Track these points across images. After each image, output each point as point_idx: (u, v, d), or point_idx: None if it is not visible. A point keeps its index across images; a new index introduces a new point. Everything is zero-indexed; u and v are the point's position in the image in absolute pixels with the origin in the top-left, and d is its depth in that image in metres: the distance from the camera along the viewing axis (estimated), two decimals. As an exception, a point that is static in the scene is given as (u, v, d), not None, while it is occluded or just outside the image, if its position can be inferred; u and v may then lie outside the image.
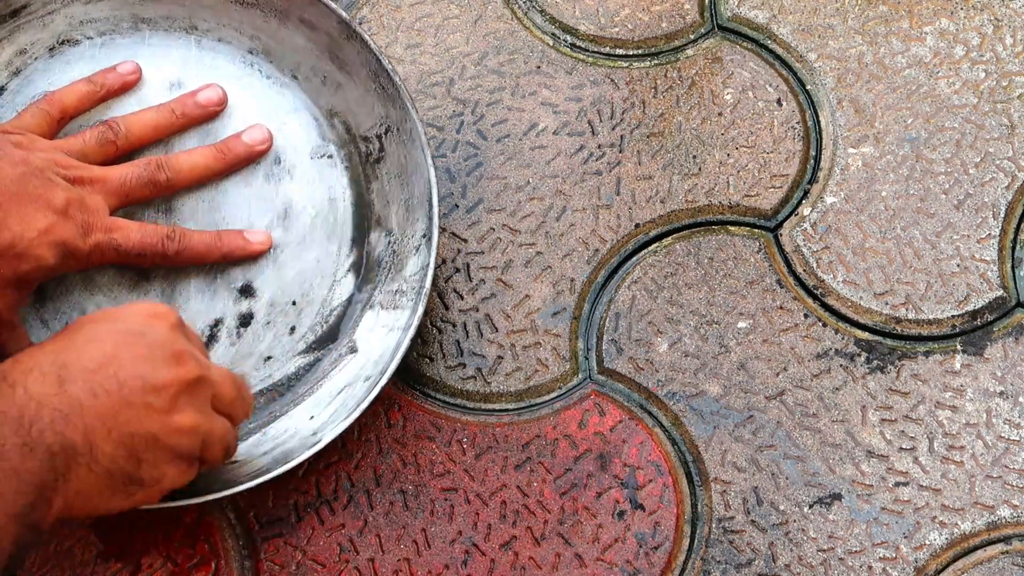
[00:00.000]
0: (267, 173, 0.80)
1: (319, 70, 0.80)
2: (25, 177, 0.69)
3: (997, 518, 0.76)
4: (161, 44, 0.81)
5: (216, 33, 0.81)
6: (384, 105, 0.79)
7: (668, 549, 0.75)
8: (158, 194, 0.77)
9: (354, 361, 0.77)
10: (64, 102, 0.77)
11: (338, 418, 0.73)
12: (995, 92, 0.86)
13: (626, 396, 0.79)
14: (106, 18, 0.80)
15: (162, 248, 0.75)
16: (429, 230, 0.76)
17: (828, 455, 0.77)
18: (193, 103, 0.79)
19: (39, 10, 0.79)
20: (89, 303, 0.77)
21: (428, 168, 0.76)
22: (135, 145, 0.78)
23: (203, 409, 0.64)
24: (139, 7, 0.81)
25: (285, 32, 0.80)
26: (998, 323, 0.81)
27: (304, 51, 0.80)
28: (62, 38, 0.80)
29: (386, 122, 0.79)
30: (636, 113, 0.86)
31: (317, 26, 0.79)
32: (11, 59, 0.79)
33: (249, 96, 0.81)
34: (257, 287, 0.78)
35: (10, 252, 0.68)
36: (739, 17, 0.89)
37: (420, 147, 0.77)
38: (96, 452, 0.59)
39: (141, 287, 0.77)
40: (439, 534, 0.76)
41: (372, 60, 0.78)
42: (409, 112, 0.77)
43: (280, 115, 0.80)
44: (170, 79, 0.80)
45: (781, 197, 0.84)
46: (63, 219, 0.70)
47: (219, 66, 0.81)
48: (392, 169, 0.79)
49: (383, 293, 0.78)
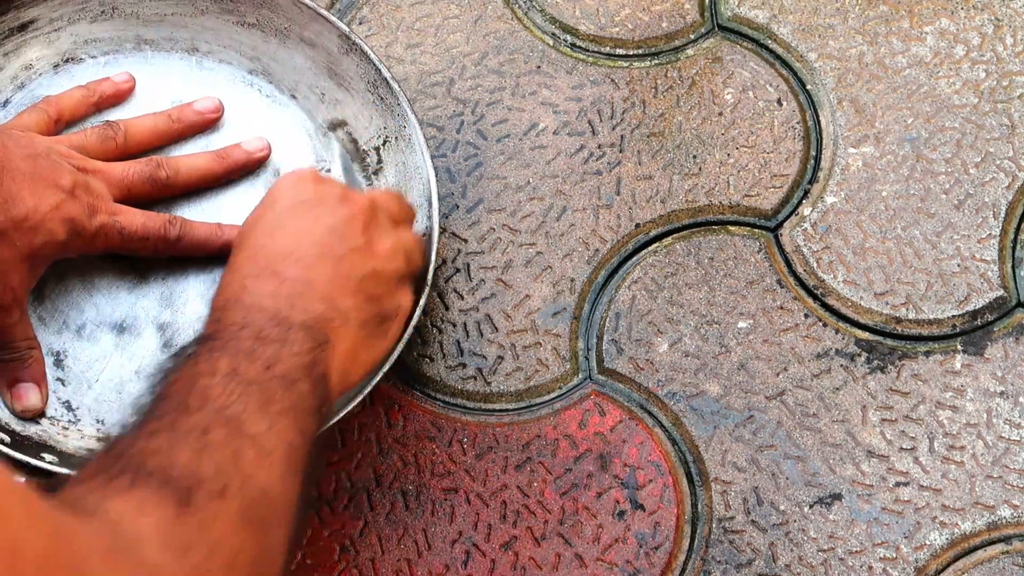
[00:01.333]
0: (266, 185, 0.80)
1: (317, 87, 0.81)
2: (34, 157, 0.71)
3: (997, 518, 0.76)
4: (163, 64, 0.82)
5: (217, 55, 0.82)
6: (383, 115, 0.80)
7: (668, 549, 0.75)
8: (157, 192, 0.77)
9: None
10: (60, 104, 0.78)
11: (340, 405, 0.73)
12: (995, 92, 0.86)
13: (626, 396, 0.79)
14: (110, 38, 0.82)
15: (164, 232, 0.75)
16: (429, 229, 0.76)
17: (828, 455, 0.77)
18: (190, 110, 0.80)
19: (45, 26, 0.80)
20: (87, 303, 0.77)
21: (427, 169, 0.77)
22: (133, 148, 0.78)
23: (388, 229, 0.71)
24: (142, 28, 0.82)
25: (285, 52, 0.81)
26: (998, 323, 0.81)
27: (303, 70, 0.82)
28: (67, 56, 0.81)
29: (384, 133, 0.80)
30: (636, 113, 0.86)
31: (317, 44, 0.80)
32: (17, 73, 0.80)
33: (249, 114, 0.82)
34: None
35: (25, 225, 0.69)
36: (739, 17, 0.89)
37: (419, 151, 0.77)
38: (343, 309, 0.65)
39: (140, 288, 0.77)
40: (439, 534, 0.76)
41: (371, 71, 0.79)
42: (408, 117, 0.78)
43: (279, 131, 0.81)
44: (170, 97, 0.81)
45: (781, 197, 0.84)
46: (71, 198, 0.71)
47: (219, 85, 0.82)
48: (390, 179, 0.80)
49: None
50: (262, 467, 0.55)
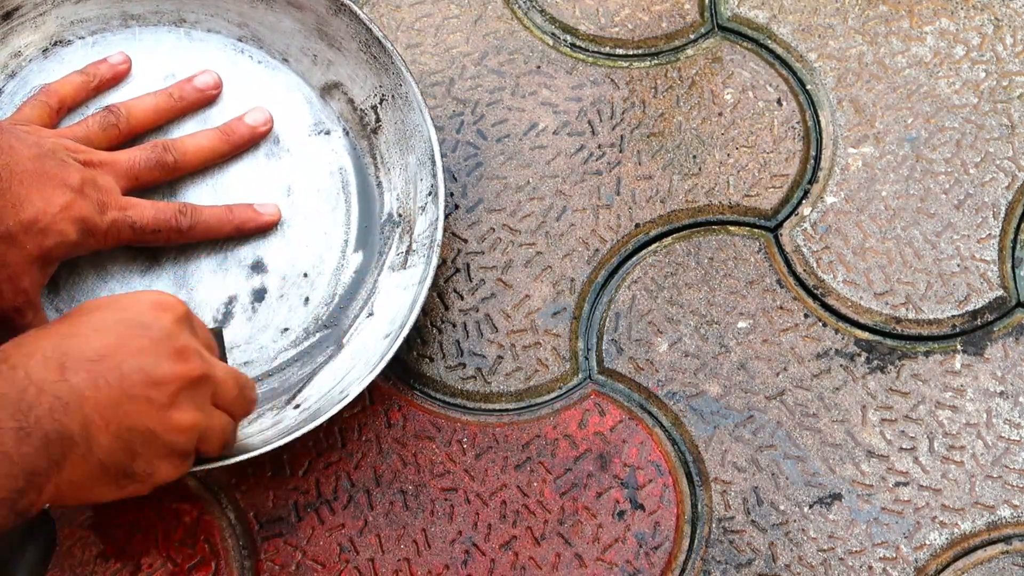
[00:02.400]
0: (268, 152, 0.81)
1: (308, 50, 0.82)
2: (41, 158, 0.70)
3: (997, 518, 0.76)
4: (151, 38, 0.82)
5: (205, 24, 0.83)
6: (377, 75, 0.80)
7: (668, 549, 0.75)
8: (165, 177, 0.78)
9: (371, 322, 0.77)
10: (61, 93, 0.78)
11: (362, 375, 0.74)
12: (995, 92, 0.86)
13: (626, 396, 0.79)
14: (96, 17, 0.82)
15: (176, 223, 0.76)
16: (435, 187, 0.77)
17: (828, 455, 0.77)
18: (191, 87, 0.81)
19: (30, 12, 0.81)
20: (102, 290, 0.77)
21: (428, 126, 0.78)
22: (137, 129, 0.79)
23: (203, 406, 0.64)
24: (127, 4, 0.82)
25: (273, 16, 0.82)
26: (998, 323, 0.81)
27: (292, 33, 0.82)
28: (55, 39, 0.82)
29: (380, 91, 0.81)
30: (636, 113, 0.86)
31: (304, 6, 0.81)
32: (6, 62, 0.81)
33: (243, 82, 0.82)
34: (268, 263, 0.79)
35: (35, 227, 0.69)
36: (739, 17, 0.89)
37: (418, 109, 0.78)
38: (92, 443, 0.59)
39: (153, 271, 0.78)
40: (439, 534, 0.76)
41: (362, 31, 0.79)
42: (404, 76, 0.79)
43: (275, 97, 0.82)
44: (163, 72, 0.82)
45: (781, 197, 0.84)
46: (80, 197, 0.71)
47: (210, 55, 0.82)
48: (390, 137, 0.81)
49: (394, 255, 0.79)
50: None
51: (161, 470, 0.64)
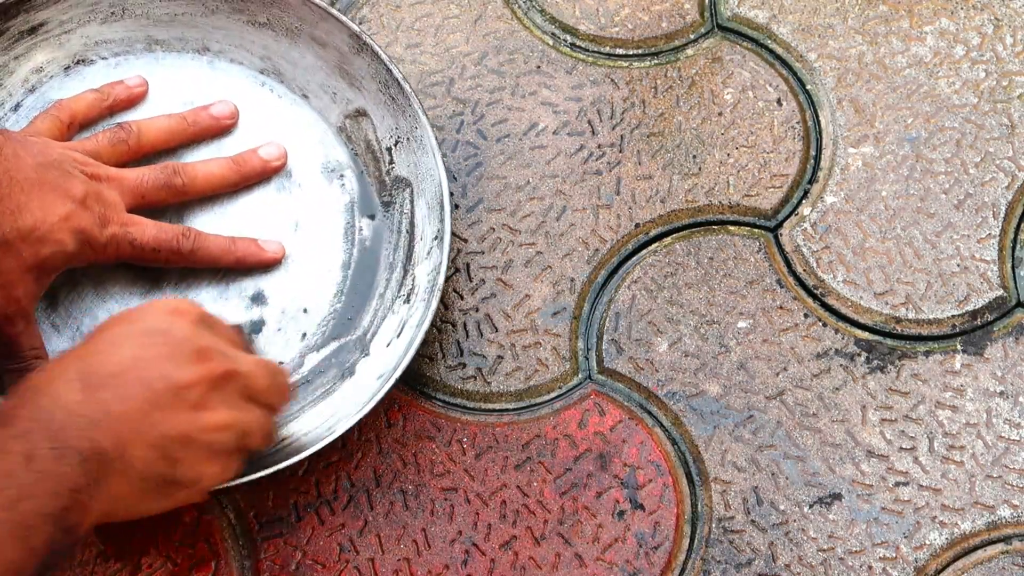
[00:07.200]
0: (279, 186, 0.81)
1: (328, 87, 0.82)
2: (45, 167, 0.70)
3: (997, 518, 0.76)
4: (174, 64, 0.82)
5: (228, 55, 0.82)
6: (395, 116, 0.80)
7: (668, 549, 0.75)
8: (172, 199, 0.77)
9: (366, 361, 0.77)
10: (73, 109, 0.78)
11: (351, 412, 0.73)
12: (995, 92, 0.86)
13: (626, 396, 0.79)
14: (121, 39, 0.82)
15: (176, 245, 0.75)
16: (441, 232, 0.76)
17: (828, 455, 0.77)
18: (206, 114, 0.80)
19: (55, 29, 0.80)
20: (101, 309, 0.77)
21: (440, 171, 0.77)
22: (146, 148, 0.78)
23: (234, 403, 0.64)
24: (153, 29, 0.82)
25: (296, 52, 0.82)
26: (998, 323, 0.81)
27: (314, 69, 0.82)
28: (77, 58, 0.81)
29: (396, 134, 0.80)
30: (636, 113, 0.86)
31: (327, 43, 0.81)
32: (27, 76, 0.81)
33: (261, 114, 0.82)
34: (268, 295, 0.79)
35: (32, 236, 0.68)
36: (739, 17, 0.89)
37: (431, 153, 0.78)
38: (129, 457, 0.59)
39: (153, 295, 0.78)
40: (439, 534, 0.76)
41: (382, 71, 0.79)
42: (420, 119, 0.78)
43: (291, 131, 0.82)
44: (182, 98, 0.81)
45: (781, 197, 0.84)
46: (82, 208, 0.71)
47: (230, 85, 0.82)
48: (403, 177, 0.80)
49: (395, 296, 0.78)
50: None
51: (208, 473, 0.64)
